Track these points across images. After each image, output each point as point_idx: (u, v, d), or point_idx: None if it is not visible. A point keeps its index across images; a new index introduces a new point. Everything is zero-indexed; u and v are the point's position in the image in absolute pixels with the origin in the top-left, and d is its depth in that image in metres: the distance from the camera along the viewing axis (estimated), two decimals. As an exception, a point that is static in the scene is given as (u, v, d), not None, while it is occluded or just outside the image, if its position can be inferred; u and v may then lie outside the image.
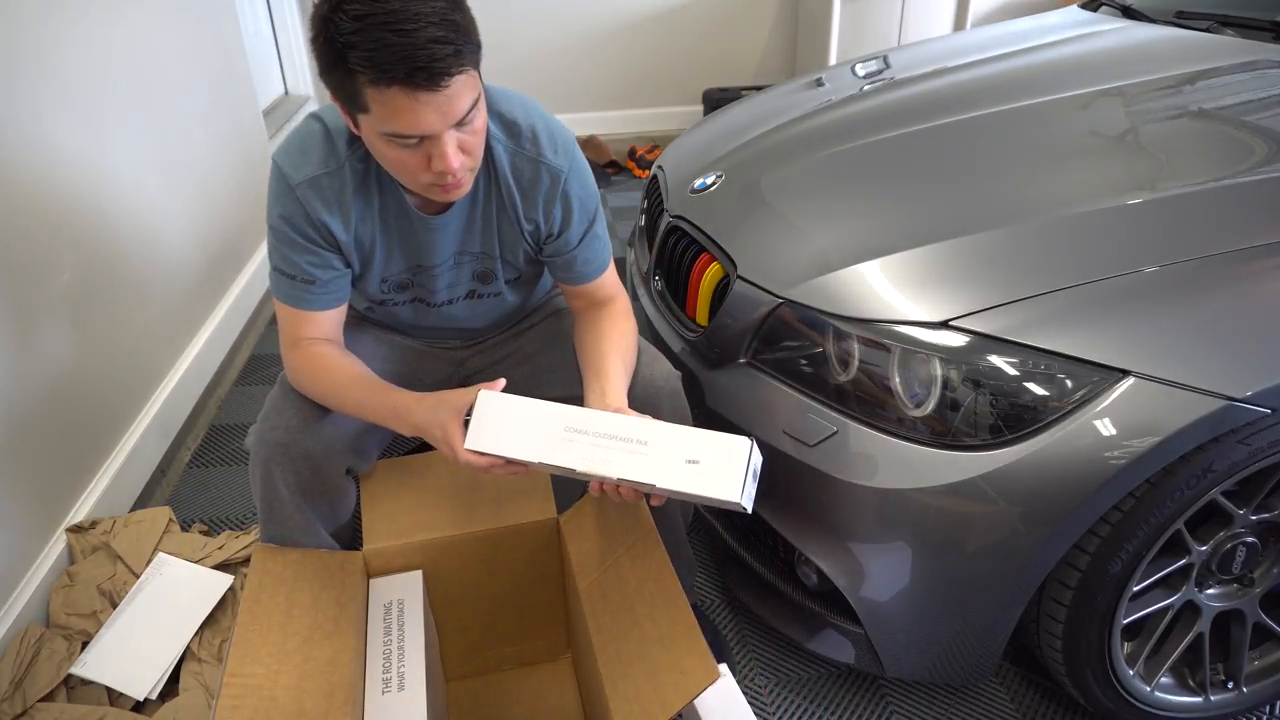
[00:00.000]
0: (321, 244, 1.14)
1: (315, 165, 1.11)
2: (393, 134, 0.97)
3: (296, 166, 1.11)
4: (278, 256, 1.15)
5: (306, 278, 1.15)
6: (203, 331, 2.32)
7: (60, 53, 1.72)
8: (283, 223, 1.13)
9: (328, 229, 1.13)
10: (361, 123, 1.00)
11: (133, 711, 1.37)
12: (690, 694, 0.95)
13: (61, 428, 1.64)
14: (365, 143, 1.05)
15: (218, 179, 2.50)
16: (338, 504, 1.23)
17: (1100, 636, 1.19)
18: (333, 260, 1.16)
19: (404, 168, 1.02)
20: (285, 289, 1.16)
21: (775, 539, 1.38)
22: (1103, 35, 1.92)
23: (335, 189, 1.12)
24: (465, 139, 1.01)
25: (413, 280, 1.25)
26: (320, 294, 1.17)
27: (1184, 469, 1.07)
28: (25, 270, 1.56)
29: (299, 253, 1.14)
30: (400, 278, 1.24)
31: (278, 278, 1.16)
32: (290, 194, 1.11)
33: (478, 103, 1.00)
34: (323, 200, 1.12)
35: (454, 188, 1.05)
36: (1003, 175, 1.40)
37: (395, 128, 0.96)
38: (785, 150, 1.69)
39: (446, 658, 1.36)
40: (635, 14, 4.23)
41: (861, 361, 1.19)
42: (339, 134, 1.11)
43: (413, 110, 0.94)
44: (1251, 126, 1.38)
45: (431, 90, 0.93)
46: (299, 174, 1.11)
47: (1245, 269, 1.10)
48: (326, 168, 1.11)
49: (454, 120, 0.97)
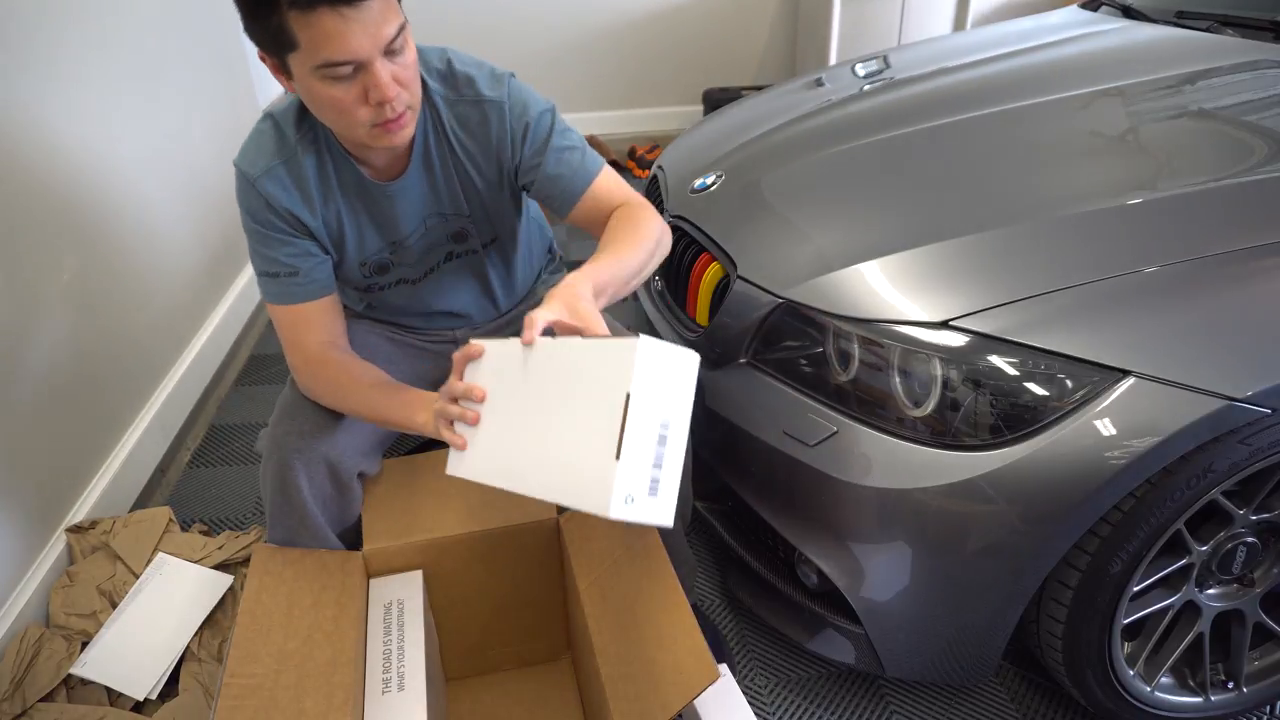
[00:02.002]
0: (293, 233, 1.16)
1: (269, 157, 1.14)
2: (325, 63, 0.97)
3: (252, 163, 1.14)
4: (258, 259, 1.17)
5: (289, 270, 1.16)
6: (203, 331, 2.32)
7: (60, 53, 1.72)
8: (252, 222, 1.15)
9: (295, 217, 1.15)
10: (294, 65, 0.99)
11: (133, 711, 1.37)
12: (690, 694, 0.95)
13: (62, 427, 1.64)
14: (302, 94, 1.04)
15: (218, 179, 2.50)
16: (347, 508, 1.24)
17: (1100, 636, 1.18)
18: (309, 247, 1.17)
19: (342, 108, 1.01)
20: (273, 289, 1.17)
21: (775, 539, 1.38)
22: (1103, 35, 1.92)
23: (294, 176, 1.14)
24: (398, 70, 1.01)
25: (391, 259, 1.25)
26: (306, 283, 1.17)
27: (1184, 469, 1.07)
28: (26, 270, 1.56)
29: (275, 247, 1.15)
30: (378, 258, 1.25)
31: (264, 281, 1.18)
32: (252, 190, 1.14)
33: (404, 33, 1.01)
34: (283, 189, 1.14)
35: (396, 126, 1.04)
36: (1003, 175, 1.40)
37: (326, 54, 0.96)
38: (785, 150, 1.69)
39: (446, 658, 1.35)
40: (635, 14, 4.22)
41: (861, 361, 1.19)
42: (286, 124, 1.14)
43: (341, 33, 0.94)
44: (1251, 126, 1.38)
45: (353, 5, 0.94)
46: (255, 169, 1.13)
47: (1245, 269, 1.10)
48: (280, 157, 1.14)
49: (383, 42, 0.98)
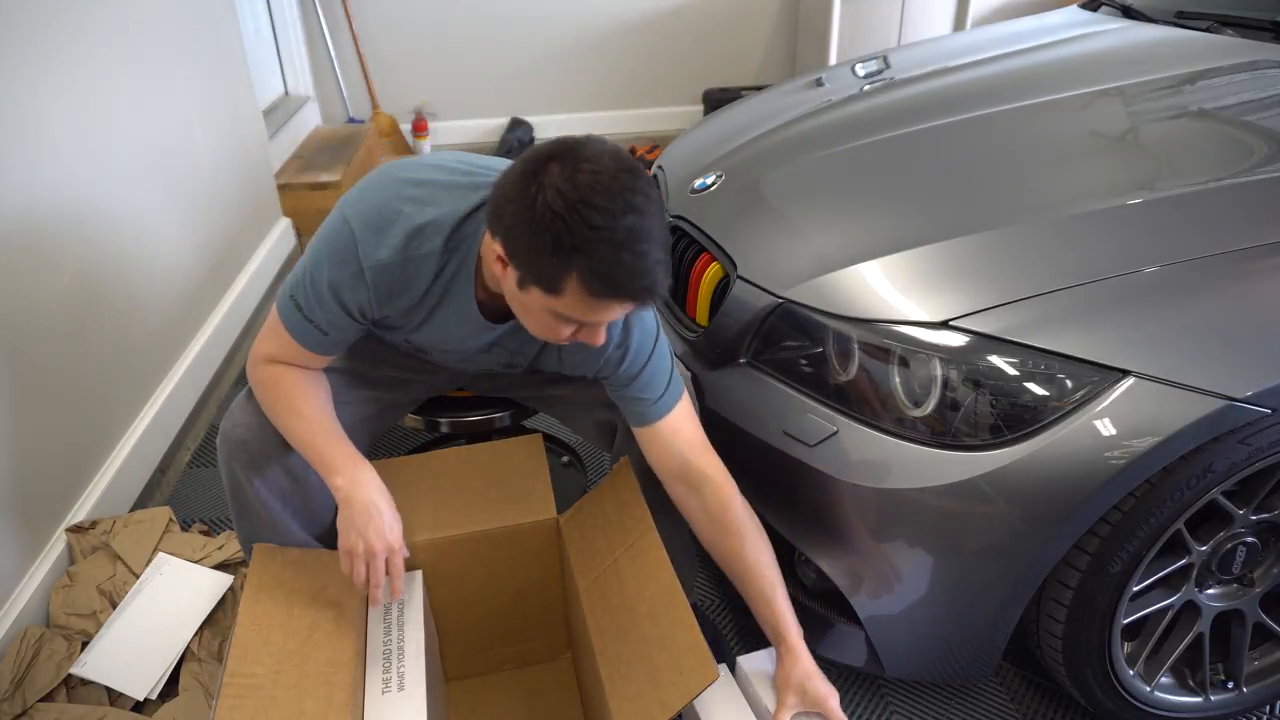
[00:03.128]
0: (355, 319, 1.09)
1: (394, 250, 1.02)
2: (567, 318, 0.95)
3: (374, 245, 1.02)
4: (304, 296, 1.07)
5: (324, 329, 1.09)
6: (203, 332, 2.32)
7: (60, 53, 1.72)
8: (328, 288, 1.05)
9: (382, 310, 1.09)
10: (534, 293, 0.94)
11: (133, 711, 1.37)
12: (690, 694, 0.95)
13: (62, 428, 1.64)
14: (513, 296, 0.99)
15: (218, 179, 2.50)
16: (310, 502, 1.19)
17: (1100, 636, 1.18)
18: (356, 330, 1.12)
19: (545, 329, 1.00)
20: (295, 321, 1.09)
21: (775, 539, 1.38)
22: (1103, 35, 1.92)
23: (410, 274, 1.04)
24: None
25: (438, 348, 1.21)
26: (324, 342, 1.11)
27: (1184, 469, 1.07)
28: (26, 271, 1.56)
29: (325, 309, 1.07)
30: (426, 343, 1.20)
31: (292, 306, 1.09)
32: (358, 271, 1.03)
33: None
34: (388, 288, 1.05)
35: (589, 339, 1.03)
36: (1003, 175, 1.40)
37: (578, 316, 0.95)
38: (785, 150, 1.69)
39: (446, 658, 1.35)
40: (635, 14, 4.22)
41: (861, 361, 1.19)
42: (432, 229, 1.03)
43: (609, 311, 0.94)
44: (1251, 126, 1.38)
45: (643, 306, 0.94)
46: (374, 255, 1.02)
47: (1245, 269, 1.10)
48: (406, 254, 1.03)
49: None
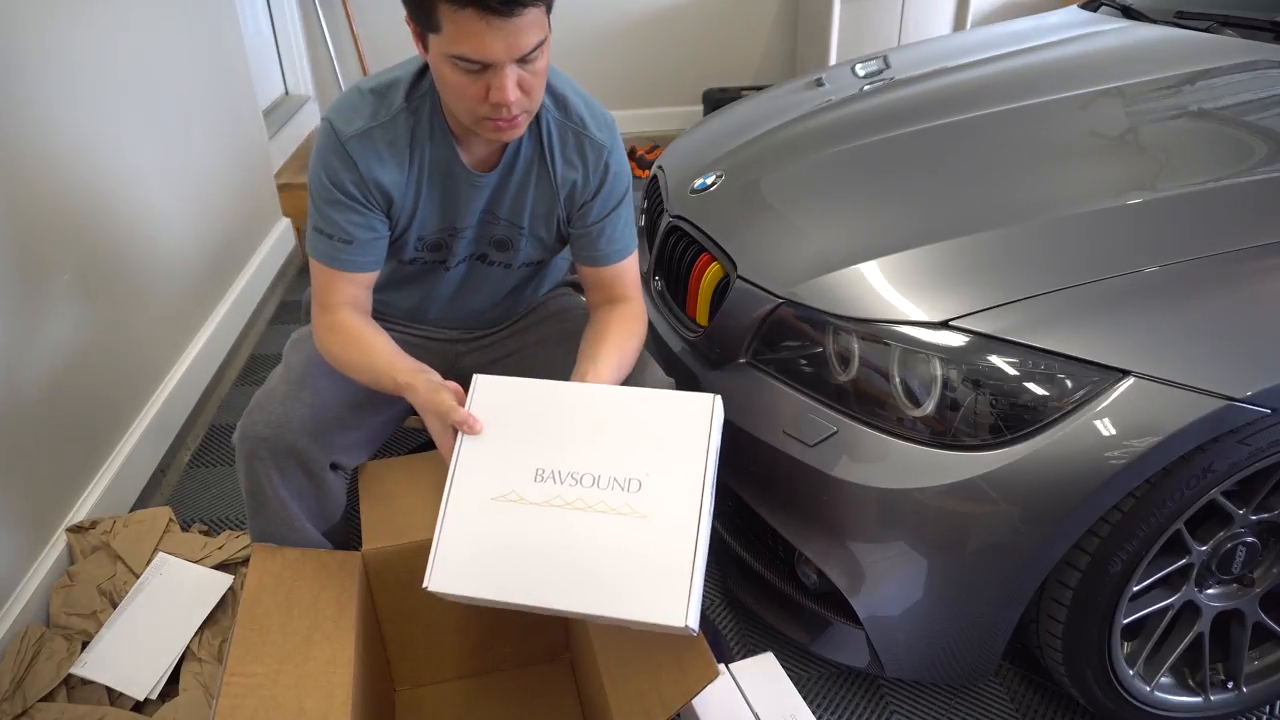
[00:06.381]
0: (365, 203, 1.16)
1: (366, 118, 1.13)
2: (459, 57, 0.99)
3: (348, 120, 1.13)
4: (317, 215, 1.17)
5: (345, 237, 1.17)
6: (203, 331, 2.32)
7: (61, 53, 1.72)
8: (325, 179, 1.14)
9: (377, 183, 1.15)
10: (430, 43, 1.02)
11: (133, 711, 1.37)
12: (690, 693, 0.95)
13: (62, 428, 1.64)
14: (432, 68, 1.07)
15: (218, 179, 2.50)
16: (324, 500, 1.23)
17: (1100, 636, 1.18)
18: (374, 221, 1.18)
19: (463, 94, 1.04)
20: (321, 247, 1.18)
21: (775, 539, 1.38)
22: (1103, 35, 1.92)
23: (387, 140, 1.14)
24: (525, 77, 1.03)
25: (443, 241, 1.27)
26: (357, 255, 1.18)
27: (1184, 469, 1.07)
28: (26, 270, 1.55)
29: (341, 211, 1.15)
30: (434, 238, 1.26)
31: (315, 236, 1.18)
32: (340, 149, 1.13)
33: (543, 45, 1.02)
34: (375, 154, 1.14)
35: (508, 126, 1.07)
36: (1003, 175, 1.40)
37: (462, 50, 0.98)
38: (785, 150, 1.69)
39: (447, 658, 1.35)
40: (635, 14, 4.23)
41: (861, 361, 1.19)
42: (394, 89, 1.14)
43: (481, 35, 0.97)
44: (1251, 126, 1.38)
45: (504, 17, 0.95)
46: (350, 127, 1.13)
47: (1245, 269, 1.10)
48: (377, 120, 1.13)
49: (518, 53, 1.00)
